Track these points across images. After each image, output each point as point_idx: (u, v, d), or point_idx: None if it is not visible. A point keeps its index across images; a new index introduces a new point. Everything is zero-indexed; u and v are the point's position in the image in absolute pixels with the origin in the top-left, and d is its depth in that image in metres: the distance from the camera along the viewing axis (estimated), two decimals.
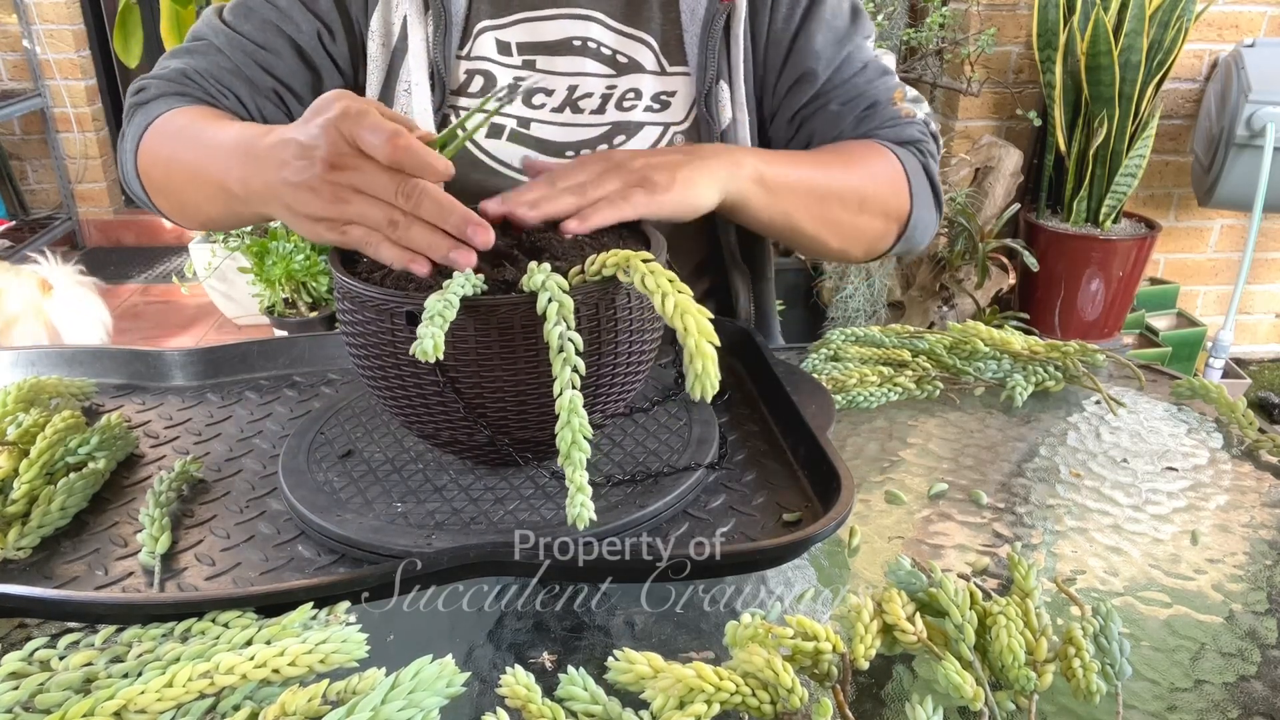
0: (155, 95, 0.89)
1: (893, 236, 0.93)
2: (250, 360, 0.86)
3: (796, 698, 0.46)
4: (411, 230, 0.60)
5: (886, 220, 0.91)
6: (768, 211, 0.81)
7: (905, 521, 0.68)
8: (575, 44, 0.93)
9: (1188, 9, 2.32)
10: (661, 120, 0.93)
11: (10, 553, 0.60)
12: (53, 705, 0.45)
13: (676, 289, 0.55)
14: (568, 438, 0.53)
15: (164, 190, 0.87)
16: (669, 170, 0.71)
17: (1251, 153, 2.41)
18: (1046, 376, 0.85)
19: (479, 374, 0.59)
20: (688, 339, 0.53)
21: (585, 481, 0.53)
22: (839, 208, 0.86)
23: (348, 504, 0.63)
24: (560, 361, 0.54)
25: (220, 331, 3.16)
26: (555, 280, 0.56)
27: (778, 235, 0.88)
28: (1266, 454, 0.77)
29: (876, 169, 0.89)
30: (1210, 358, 2.59)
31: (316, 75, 0.92)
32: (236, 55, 0.90)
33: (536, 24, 0.93)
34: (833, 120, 0.93)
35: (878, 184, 0.89)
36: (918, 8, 2.65)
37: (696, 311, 0.54)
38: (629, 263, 0.58)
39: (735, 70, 0.92)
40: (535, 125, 0.93)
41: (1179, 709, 0.51)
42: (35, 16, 3.54)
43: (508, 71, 0.93)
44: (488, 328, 0.57)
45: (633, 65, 0.93)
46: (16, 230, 3.63)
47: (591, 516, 0.53)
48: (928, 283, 2.61)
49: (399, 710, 0.43)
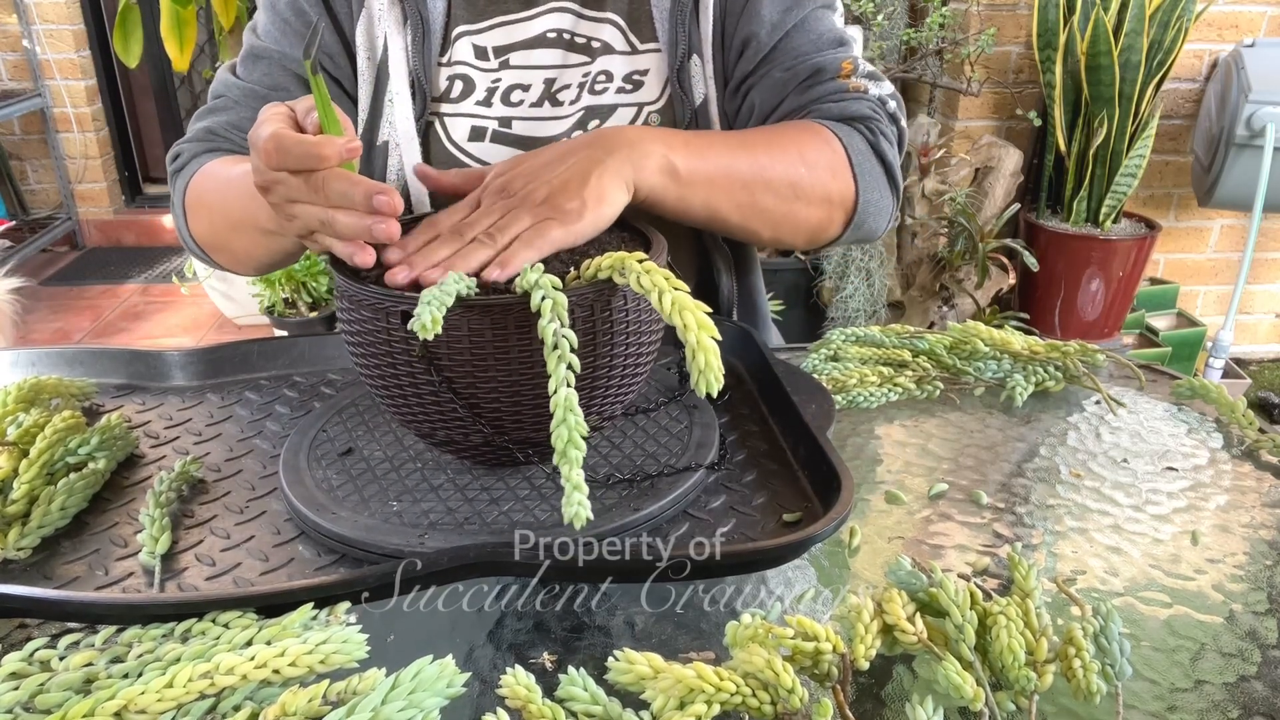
0: (189, 158, 0.92)
1: (839, 224, 0.87)
2: (250, 360, 0.86)
3: (797, 698, 0.46)
4: (337, 220, 0.60)
5: (829, 207, 0.85)
6: (682, 204, 0.76)
7: (905, 521, 0.68)
8: (549, 36, 0.93)
9: (1188, 9, 2.32)
10: (635, 101, 0.92)
11: (10, 553, 0.60)
12: (53, 705, 0.45)
13: (673, 286, 0.55)
14: (563, 435, 0.53)
15: (217, 247, 0.90)
16: (574, 192, 0.67)
17: (1251, 153, 2.41)
18: (1046, 376, 0.85)
19: (473, 374, 0.59)
20: (688, 335, 0.53)
21: (582, 480, 0.53)
22: (768, 196, 0.81)
23: (344, 501, 0.63)
24: (555, 359, 0.54)
25: (220, 331, 3.16)
26: (548, 279, 0.56)
27: (702, 226, 0.83)
28: (1266, 454, 0.77)
29: (811, 152, 0.83)
30: (1210, 358, 2.59)
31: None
32: (252, 103, 0.92)
33: (513, 26, 0.93)
34: (775, 88, 0.89)
35: (813, 169, 0.83)
36: (918, 8, 2.65)
37: (695, 307, 0.54)
38: (624, 264, 0.58)
39: (705, 43, 0.90)
40: (517, 123, 0.93)
41: (1179, 709, 0.51)
42: (35, 16, 3.54)
43: (485, 75, 0.93)
44: (482, 327, 0.57)
45: (603, 48, 0.93)
46: (16, 230, 3.63)
47: (588, 515, 0.53)
48: (928, 283, 2.61)
49: (399, 710, 0.43)
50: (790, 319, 2.68)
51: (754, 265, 1.08)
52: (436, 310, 0.53)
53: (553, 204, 0.66)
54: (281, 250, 0.84)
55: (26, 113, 3.58)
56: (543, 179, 0.68)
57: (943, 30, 2.52)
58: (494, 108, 0.93)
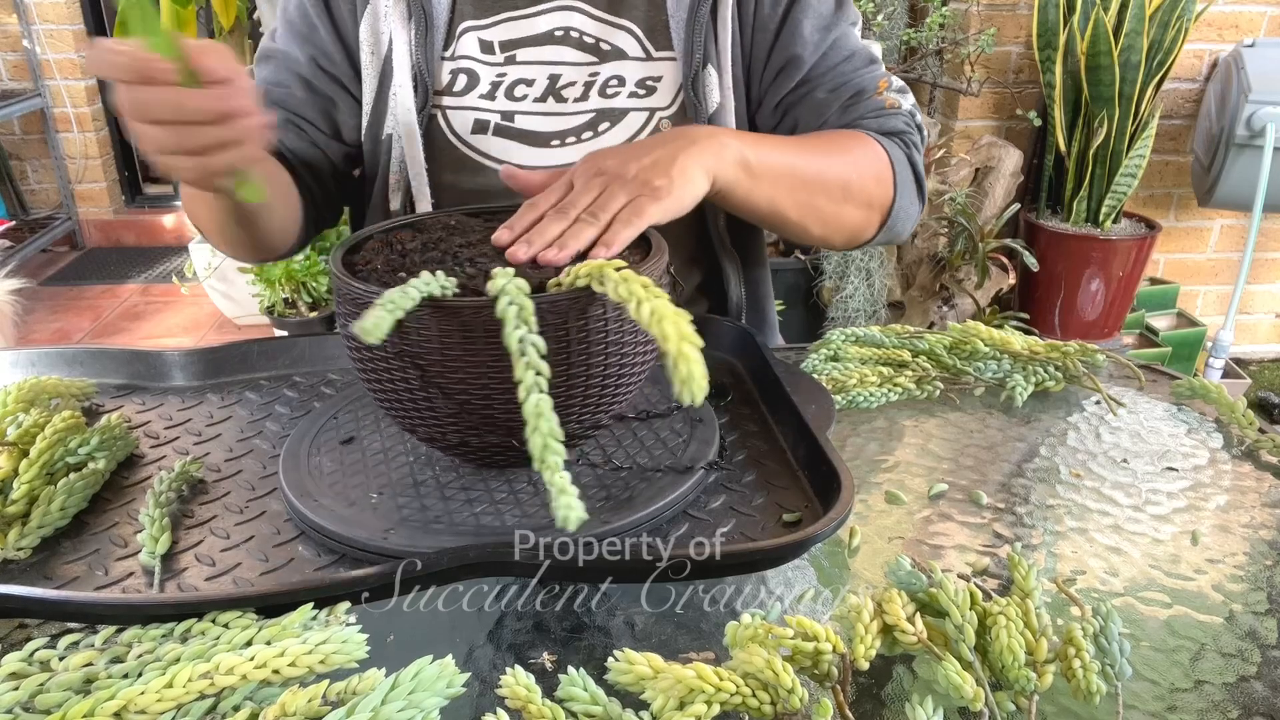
0: None
1: (875, 226, 0.92)
2: (250, 360, 0.86)
3: (796, 698, 0.46)
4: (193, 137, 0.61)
5: (869, 210, 0.90)
6: (751, 197, 0.80)
7: (905, 521, 0.68)
8: (557, 34, 0.94)
9: (1188, 9, 2.32)
10: (647, 105, 0.94)
11: (10, 553, 0.60)
12: (53, 706, 0.45)
13: (652, 294, 0.53)
14: (539, 442, 0.51)
15: (207, 234, 0.90)
16: (664, 170, 0.71)
17: (1251, 153, 2.41)
18: (1046, 376, 0.85)
19: (444, 374, 0.59)
20: (668, 344, 0.51)
21: (567, 484, 0.51)
22: (823, 196, 0.85)
23: (329, 489, 0.64)
24: (522, 365, 0.53)
25: (220, 331, 3.16)
26: (516, 284, 0.55)
27: (761, 221, 0.87)
28: (1266, 454, 0.77)
29: (861, 158, 0.89)
30: (1210, 358, 2.59)
31: (328, 100, 0.95)
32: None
33: (520, 22, 0.94)
34: (818, 108, 0.93)
35: (862, 173, 0.88)
36: (918, 8, 2.65)
37: (675, 315, 0.52)
38: (602, 273, 0.56)
39: (723, 55, 0.92)
40: (520, 118, 0.93)
41: (1179, 709, 0.51)
42: (35, 16, 3.54)
43: (490, 69, 0.94)
44: (451, 329, 0.57)
45: (615, 52, 0.94)
46: (16, 230, 3.63)
47: (581, 516, 0.51)
48: (928, 283, 2.61)
49: (399, 710, 0.43)
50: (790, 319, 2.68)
51: (764, 275, 1.09)
52: (385, 314, 0.52)
53: (643, 181, 0.69)
54: (224, 210, 0.81)
55: (26, 113, 3.58)
56: (633, 160, 0.71)
57: (943, 30, 2.52)
58: (497, 101, 0.93)
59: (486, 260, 0.63)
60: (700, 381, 0.51)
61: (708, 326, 0.87)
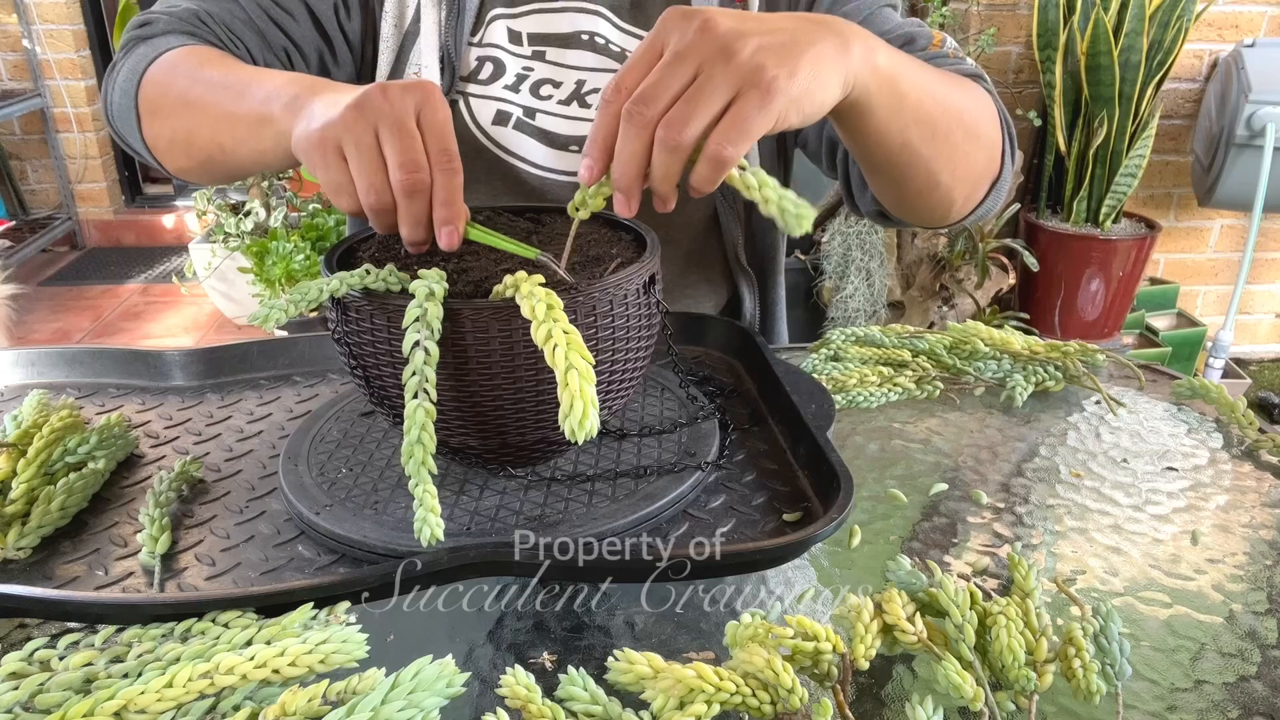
0: (164, 30, 0.84)
1: (989, 181, 0.77)
2: (250, 360, 0.86)
3: (796, 698, 0.46)
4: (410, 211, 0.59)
5: (990, 159, 0.75)
6: (885, 121, 0.63)
7: (905, 521, 0.68)
8: (584, 38, 0.93)
9: (1188, 9, 2.32)
10: None
11: (10, 553, 0.60)
12: (53, 705, 0.45)
13: (554, 316, 0.51)
14: (416, 454, 0.50)
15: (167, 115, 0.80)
16: (791, 57, 0.53)
17: (1251, 153, 2.41)
18: (1046, 376, 0.85)
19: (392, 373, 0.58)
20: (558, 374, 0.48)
21: (433, 500, 0.52)
22: (959, 129, 0.69)
23: (329, 490, 0.64)
24: (407, 371, 0.52)
25: (220, 331, 3.16)
26: (421, 286, 0.54)
27: (880, 161, 0.70)
28: (1266, 454, 0.77)
29: (970, 92, 0.72)
30: (1210, 358, 2.59)
31: (328, 44, 0.90)
32: (251, 7, 0.87)
33: (548, 15, 0.93)
34: None
35: (978, 108, 0.72)
36: (918, 7, 2.65)
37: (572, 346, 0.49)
38: (518, 286, 0.53)
39: None
40: (541, 116, 0.93)
41: (1179, 709, 0.51)
42: (35, 16, 3.54)
43: (517, 60, 0.92)
44: (380, 325, 0.57)
45: None
46: (16, 230, 3.63)
47: (439, 537, 0.52)
48: (928, 283, 2.61)
49: (399, 710, 0.43)
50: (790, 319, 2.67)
51: (776, 278, 1.07)
52: (280, 312, 0.52)
53: (758, 67, 0.53)
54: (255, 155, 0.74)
55: (26, 113, 3.58)
56: (753, 34, 0.54)
57: (943, 30, 2.52)
58: (521, 95, 0.92)
59: (476, 259, 0.63)
60: (585, 420, 0.47)
61: (708, 326, 0.87)
